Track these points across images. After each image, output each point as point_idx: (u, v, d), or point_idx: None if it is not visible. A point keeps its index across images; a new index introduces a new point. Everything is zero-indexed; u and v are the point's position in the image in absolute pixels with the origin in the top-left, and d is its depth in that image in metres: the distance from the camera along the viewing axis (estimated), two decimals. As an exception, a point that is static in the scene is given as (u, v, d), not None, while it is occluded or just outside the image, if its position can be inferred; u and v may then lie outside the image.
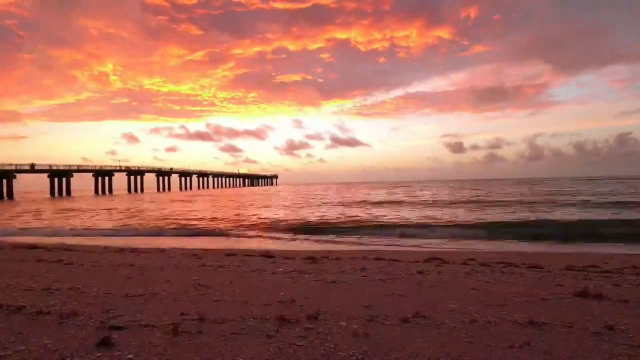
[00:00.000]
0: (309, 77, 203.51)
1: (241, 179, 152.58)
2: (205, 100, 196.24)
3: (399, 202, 34.01)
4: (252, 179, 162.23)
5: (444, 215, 21.92)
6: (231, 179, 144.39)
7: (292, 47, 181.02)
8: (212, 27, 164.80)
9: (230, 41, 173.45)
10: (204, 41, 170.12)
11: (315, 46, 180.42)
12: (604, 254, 9.19)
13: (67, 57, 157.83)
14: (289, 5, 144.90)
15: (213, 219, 23.10)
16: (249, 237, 16.13)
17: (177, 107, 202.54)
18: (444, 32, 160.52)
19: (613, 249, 10.88)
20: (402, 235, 14.78)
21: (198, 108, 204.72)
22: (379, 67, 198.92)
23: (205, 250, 9.95)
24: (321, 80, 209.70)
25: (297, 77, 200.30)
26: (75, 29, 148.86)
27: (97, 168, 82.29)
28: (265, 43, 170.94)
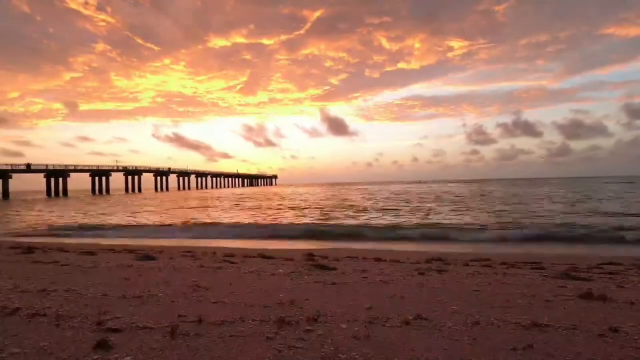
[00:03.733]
0: (313, 80, 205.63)
1: (240, 179, 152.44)
2: (209, 102, 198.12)
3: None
4: (252, 179, 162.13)
5: None
6: (230, 179, 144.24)
7: (304, 52, 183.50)
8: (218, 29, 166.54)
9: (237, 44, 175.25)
10: (194, 40, 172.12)
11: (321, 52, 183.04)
12: (607, 255, 9.15)
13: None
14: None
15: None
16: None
17: (181, 109, 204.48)
18: (449, 39, 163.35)
19: (616, 250, 10.85)
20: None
21: (200, 109, 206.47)
22: (384, 70, 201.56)
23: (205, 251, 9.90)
24: (325, 82, 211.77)
25: (301, 80, 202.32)
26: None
27: (94, 168, 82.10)
28: (272, 49, 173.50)
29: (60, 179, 73.98)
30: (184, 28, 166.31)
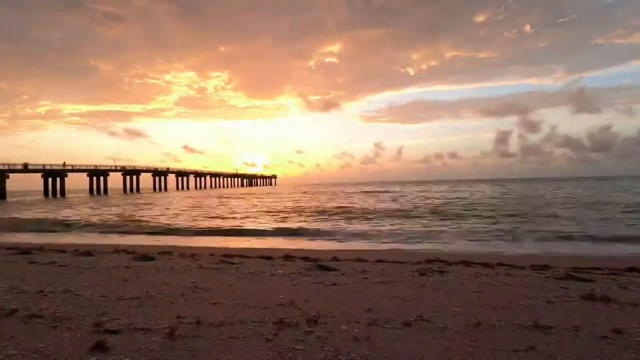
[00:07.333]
0: (317, 82, 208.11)
1: (239, 179, 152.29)
2: (213, 104, 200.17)
3: None
4: (251, 179, 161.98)
5: None
6: (229, 179, 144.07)
7: (310, 56, 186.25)
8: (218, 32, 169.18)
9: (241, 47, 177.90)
10: (204, 45, 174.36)
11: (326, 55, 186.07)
12: (609, 256, 9.15)
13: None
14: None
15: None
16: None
17: (188, 110, 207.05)
18: (450, 46, 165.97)
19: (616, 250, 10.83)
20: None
21: (203, 110, 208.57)
22: (388, 74, 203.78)
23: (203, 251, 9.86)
24: (328, 85, 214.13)
25: (304, 82, 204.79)
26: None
27: (92, 168, 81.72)
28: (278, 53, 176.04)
29: (58, 179, 73.68)
30: (196, 35, 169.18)
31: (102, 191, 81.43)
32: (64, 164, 75.04)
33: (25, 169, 68.16)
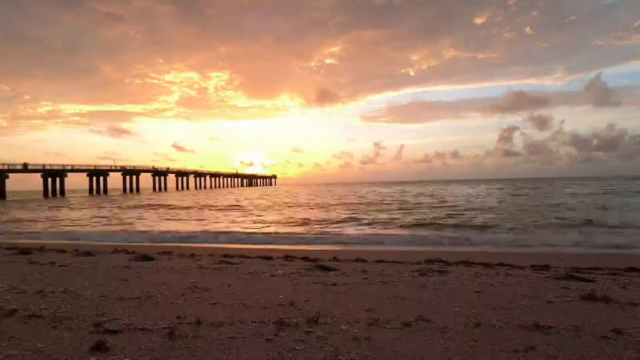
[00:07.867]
0: (317, 83, 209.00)
1: (239, 179, 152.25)
2: (213, 104, 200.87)
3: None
4: (250, 179, 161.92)
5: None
6: (229, 178, 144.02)
7: (310, 57, 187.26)
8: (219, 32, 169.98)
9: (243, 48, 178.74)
10: (205, 46, 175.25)
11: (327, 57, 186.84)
12: (609, 256, 9.13)
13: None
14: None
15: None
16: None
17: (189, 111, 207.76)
18: (450, 47, 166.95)
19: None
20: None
21: (206, 110, 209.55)
22: (388, 74, 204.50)
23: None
24: (328, 85, 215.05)
25: (304, 83, 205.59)
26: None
27: (92, 168, 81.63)
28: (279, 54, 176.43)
29: (58, 179, 73.60)
30: (196, 35, 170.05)
31: (102, 191, 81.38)
32: (63, 166, 74.97)
33: (25, 169, 68.10)
